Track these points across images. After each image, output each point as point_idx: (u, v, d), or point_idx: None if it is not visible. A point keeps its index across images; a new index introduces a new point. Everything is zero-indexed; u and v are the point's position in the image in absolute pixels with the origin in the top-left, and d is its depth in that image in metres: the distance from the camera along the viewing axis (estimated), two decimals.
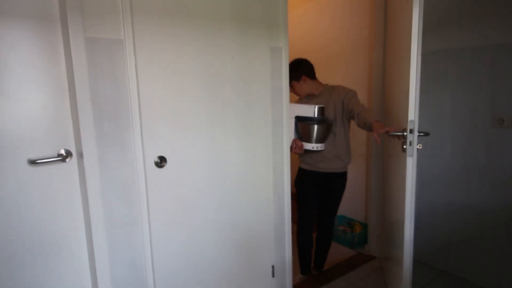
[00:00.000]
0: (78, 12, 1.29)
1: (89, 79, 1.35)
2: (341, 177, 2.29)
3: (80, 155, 1.38)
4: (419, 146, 1.70)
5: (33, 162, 1.32)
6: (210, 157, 1.69)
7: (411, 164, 1.70)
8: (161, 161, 1.53)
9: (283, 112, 1.96)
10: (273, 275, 2.06)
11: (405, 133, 1.68)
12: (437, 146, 2.42)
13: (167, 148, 1.55)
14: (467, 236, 2.34)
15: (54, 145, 1.37)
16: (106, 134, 1.41)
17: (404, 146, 1.69)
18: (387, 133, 1.75)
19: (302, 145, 2.11)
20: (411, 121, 1.65)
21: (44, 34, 1.30)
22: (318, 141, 2.11)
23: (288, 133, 1.99)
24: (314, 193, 2.30)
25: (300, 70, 2.20)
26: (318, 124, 2.07)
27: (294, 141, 2.11)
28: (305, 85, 2.22)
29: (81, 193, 1.44)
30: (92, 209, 1.40)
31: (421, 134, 1.74)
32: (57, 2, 1.31)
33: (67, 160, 1.40)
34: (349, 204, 3.07)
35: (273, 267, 2.05)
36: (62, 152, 1.39)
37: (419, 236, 2.60)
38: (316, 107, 2.06)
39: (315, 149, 2.10)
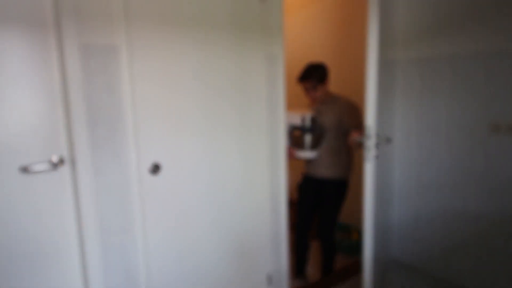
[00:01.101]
0: (72, 17, 1.28)
1: (83, 85, 1.34)
2: (336, 185, 2.28)
3: (73, 162, 1.36)
4: (375, 152, 1.76)
5: (24, 169, 1.30)
6: (205, 164, 1.68)
7: (369, 170, 1.75)
8: (155, 168, 1.51)
9: (279, 118, 1.95)
10: (269, 283, 2.03)
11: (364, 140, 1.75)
12: (434, 153, 2.42)
13: (162, 155, 1.53)
14: (465, 244, 2.32)
15: (46, 151, 1.35)
16: (99, 140, 1.40)
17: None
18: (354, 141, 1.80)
19: (293, 152, 2.14)
20: (369, 126, 1.73)
21: (38, 39, 1.29)
22: (308, 149, 2.12)
23: (284, 140, 1.99)
24: (310, 197, 2.33)
25: (326, 73, 2.20)
26: (308, 132, 2.10)
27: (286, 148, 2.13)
28: (323, 90, 2.22)
29: (73, 201, 1.41)
30: (84, 217, 1.37)
31: (380, 140, 1.78)
32: (50, 7, 1.30)
33: (60, 167, 1.38)
34: (346, 210, 3.06)
35: (269, 275, 2.02)
36: (55, 159, 1.37)
37: (417, 244, 2.58)
38: (307, 115, 2.09)
39: (305, 157, 2.13)
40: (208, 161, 1.68)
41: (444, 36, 2.28)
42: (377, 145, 1.76)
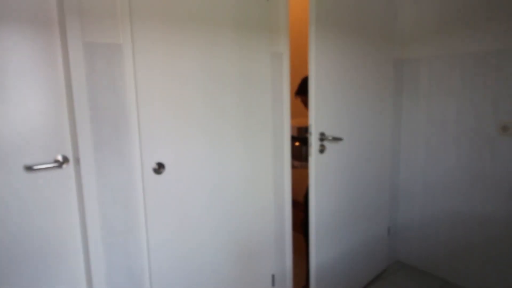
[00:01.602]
0: (76, 16, 1.28)
1: (87, 84, 1.34)
2: None
3: (77, 161, 1.36)
4: (318, 147, 1.90)
5: (29, 168, 1.30)
6: (210, 164, 1.67)
7: (312, 165, 1.89)
8: (159, 168, 1.50)
9: (284, 118, 1.94)
10: (273, 284, 2.02)
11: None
12: (441, 153, 2.39)
13: (165, 154, 1.52)
14: (471, 245, 2.29)
15: (51, 151, 1.35)
16: (103, 140, 1.39)
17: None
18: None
19: (293, 162, 2.21)
20: (310, 124, 1.87)
21: (42, 38, 1.29)
22: (296, 158, 2.22)
23: (289, 141, 1.97)
24: None
25: None
26: (296, 142, 2.20)
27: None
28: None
29: (77, 200, 1.42)
30: (88, 216, 1.37)
31: (324, 138, 1.94)
32: (55, 6, 1.30)
33: (64, 166, 1.38)
34: None
35: (273, 276, 2.01)
36: (59, 158, 1.37)
37: (423, 245, 2.56)
38: (296, 127, 2.18)
39: (296, 166, 2.22)
40: (212, 160, 1.67)
41: (453, 35, 2.25)
42: (322, 141, 1.93)
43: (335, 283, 2.19)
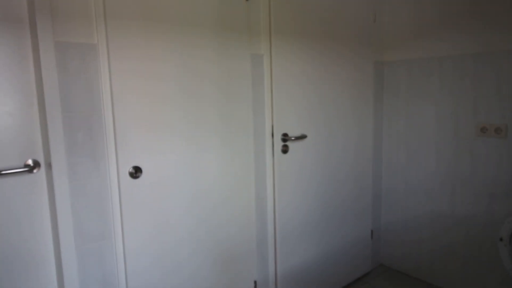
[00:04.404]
0: (47, 15, 1.23)
1: (60, 85, 1.29)
2: None
3: (49, 166, 1.30)
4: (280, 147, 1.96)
5: None
6: (189, 167, 1.63)
7: (268, 163, 1.94)
8: (136, 172, 1.46)
9: (266, 120, 1.91)
10: None
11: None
12: (422, 155, 2.41)
13: (143, 158, 1.48)
14: (453, 248, 2.31)
15: (21, 155, 1.29)
16: (77, 143, 1.34)
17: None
18: None
19: None
20: (272, 125, 1.93)
21: (11, 37, 1.24)
22: None
23: (271, 144, 1.95)
24: None
25: None
26: None
27: None
28: None
29: (49, 206, 1.35)
30: (60, 222, 1.31)
31: (288, 139, 1.98)
32: (25, 4, 1.25)
33: (35, 171, 1.32)
34: None
35: (255, 282, 1.98)
36: (30, 162, 1.31)
37: (406, 247, 2.56)
38: None
39: None
40: (192, 164, 1.64)
41: (431, 38, 2.28)
42: (285, 141, 1.98)
43: (310, 285, 2.20)
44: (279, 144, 1.96)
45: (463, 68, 2.15)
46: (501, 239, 2.02)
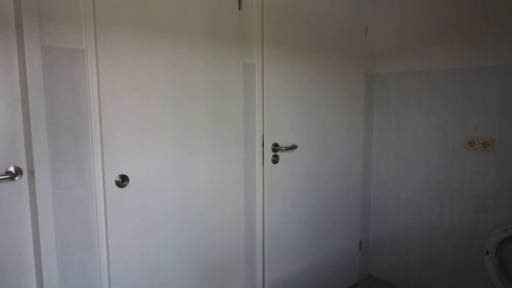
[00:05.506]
0: (35, 18, 1.20)
1: (45, 90, 1.25)
2: None
3: (32, 173, 1.26)
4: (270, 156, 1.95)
5: None
6: (176, 176, 1.60)
7: (259, 173, 1.93)
8: (122, 180, 1.42)
9: (256, 129, 1.90)
10: None
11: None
12: (411, 167, 2.42)
13: (130, 166, 1.44)
14: (441, 259, 2.31)
15: (2, 161, 1.24)
16: (62, 150, 1.30)
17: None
18: None
19: None
20: (263, 135, 1.92)
21: None
22: None
23: (261, 154, 1.93)
24: None
25: None
26: None
27: None
28: None
29: (31, 215, 1.31)
30: (42, 232, 1.27)
31: (278, 149, 1.97)
32: (12, 7, 1.22)
33: (17, 178, 1.27)
34: None
35: None
36: (11, 169, 1.26)
37: (394, 259, 2.56)
38: None
39: None
40: (180, 173, 1.60)
41: (422, 52, 2.31)
42: (275, 151, 1.98)
43: None
44: (269, 154, 1.94)
45: (452, 82, 2.18)
46: (487, 252, 2.03)
